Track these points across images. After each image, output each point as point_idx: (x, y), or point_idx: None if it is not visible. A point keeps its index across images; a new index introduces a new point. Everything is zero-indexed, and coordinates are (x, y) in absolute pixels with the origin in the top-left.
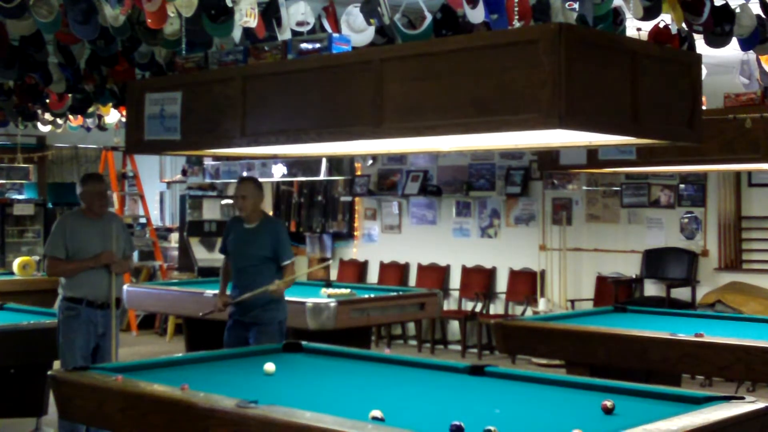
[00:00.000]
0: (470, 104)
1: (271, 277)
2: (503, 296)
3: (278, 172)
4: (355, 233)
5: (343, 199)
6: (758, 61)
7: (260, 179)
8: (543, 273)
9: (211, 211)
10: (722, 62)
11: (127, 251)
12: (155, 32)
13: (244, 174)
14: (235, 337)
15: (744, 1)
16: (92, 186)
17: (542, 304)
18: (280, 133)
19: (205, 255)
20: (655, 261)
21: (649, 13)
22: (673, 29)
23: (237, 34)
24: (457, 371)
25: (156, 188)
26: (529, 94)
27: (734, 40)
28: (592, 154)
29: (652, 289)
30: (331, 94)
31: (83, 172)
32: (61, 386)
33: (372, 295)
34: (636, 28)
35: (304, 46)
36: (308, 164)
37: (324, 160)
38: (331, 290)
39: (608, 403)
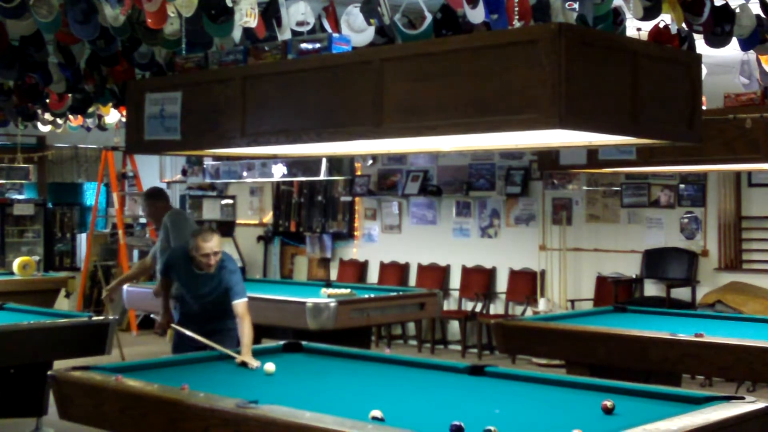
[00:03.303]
0: (470, 104)
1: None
2: (503, 296)
3: (278, 172)
4: (355, 233)
5: (343, 199)
6: (758, 61)
7: (260, 179)
8: (543, 273)
9: (211, 211)
10: (722, 62)
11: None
12: (155, 32)
13: (210, 227)
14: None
15: (744, 1)
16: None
17: (542, 304)
18: (280, 133)
19: None
20: (655, 261)
21: (649, 13)
22: (673, 29)
23: (237, 34)
24: (457, 371)
25: None
26: (529, 94)
27: (734, 40)
28: (592, 154)
29: (652, 289)
30: (331, 94)
31: (83, 172)
32: (61, 386)
33: (372, 295)
34: (636, 28)
35: (304, 46)
36: (308, 164)
37: (324, 160)
38: (331, 290)
39: (608, 403)
